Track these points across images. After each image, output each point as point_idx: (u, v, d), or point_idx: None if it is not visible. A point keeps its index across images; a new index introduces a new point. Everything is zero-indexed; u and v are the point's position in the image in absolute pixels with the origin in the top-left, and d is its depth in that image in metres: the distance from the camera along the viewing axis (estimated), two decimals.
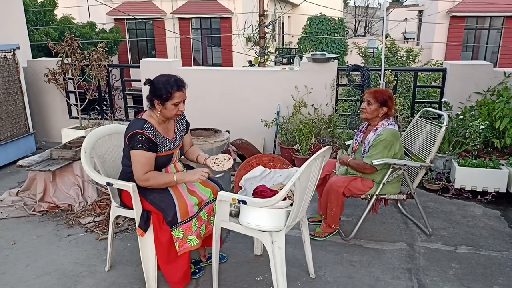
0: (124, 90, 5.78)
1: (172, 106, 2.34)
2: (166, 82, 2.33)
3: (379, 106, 2.90)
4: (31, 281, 2.64)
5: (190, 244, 2.38)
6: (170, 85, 2.33)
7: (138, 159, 2.30)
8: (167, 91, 2.31)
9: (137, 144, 2.29)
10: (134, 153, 2.30)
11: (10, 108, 4.89)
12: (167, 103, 2.33)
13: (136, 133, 2.29)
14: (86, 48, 6.83)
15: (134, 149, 2.30)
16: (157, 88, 2.32)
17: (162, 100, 2.32)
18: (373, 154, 2.88)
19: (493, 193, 3.75)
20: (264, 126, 4.84)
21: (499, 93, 4.27)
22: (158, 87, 2.32)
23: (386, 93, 2.94)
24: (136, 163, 2.31)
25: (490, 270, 2.73)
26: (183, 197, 2.38)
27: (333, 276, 2.67)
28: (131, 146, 2.31)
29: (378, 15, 35.49)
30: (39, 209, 3.59)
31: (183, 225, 2.35)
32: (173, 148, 2.47)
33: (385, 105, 2.90)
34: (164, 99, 2.32)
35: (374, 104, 2.91)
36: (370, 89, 3.01)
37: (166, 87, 2.32)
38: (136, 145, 2.29)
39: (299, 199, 2.18)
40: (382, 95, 2.91)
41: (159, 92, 2.32)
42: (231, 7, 17.00)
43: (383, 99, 2.90)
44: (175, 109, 2.36)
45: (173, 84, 2.33)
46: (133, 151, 2.30)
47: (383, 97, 2.90)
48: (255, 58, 11.63)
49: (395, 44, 11.92)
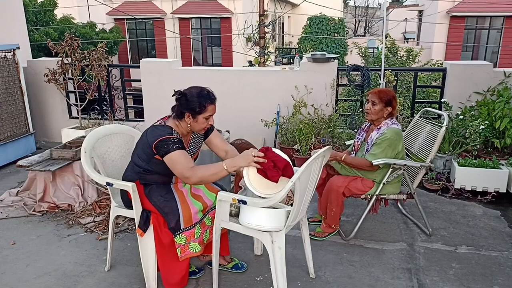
0: (124, 90, 5.78)
1: (203, 120, 2.30)
2: (199, 94, 2.28)
3: (384, 106, 2.90)
4: (31, 281, 2.64)
5: (192, 250, 2.37)
6: (204, 98, 2.28)
7: (179, 159, 2.22)
8: (201, 104, 2.26)
9: (173, 145, 2.23)
10: (172, 156, 2.22)
11: (10, 108, 4.89)
12: (198, 116, 2.28)
13: (167, 138, 2.23)
14: (86, 48, 6.83)
15: (171, 151, 2.22)
16: (190, 101, 2.26)
17: (194, 113, 2.28)
18: (377, 152, 2.87)
19: (493, 193, 3.75)
20: (264, 126, 4.84)
21: (499, 93, 4.27)
22: (191, 100, 2.26)
23: (390, 93, 2.93)
24: (178, 164, 2.22)
25: (490, 270, 2.73)
26: (187, 203, 2.36)
27: (333, 276, 2.67)
28: (165, 151, 2.23)
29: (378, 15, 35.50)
30: (39, 209, 3.59)
31: (186, 232, 2.33)
32: None
33: (390, 104, 2.90)
34: (197, 112, 2.27)
35: (379, 104, 2.90)
36: (374, 89, 2.99)
37: (200, 100, 2.27)
38: (172, 146, 2.22)
39: (299, 199, 2.18)
40: (387, 95, 2.91)
41: (192, 105, 2.26)
42: (231, 7, 17.00)
43: (388, 99, 2.89)
44: (205, 123, 2.32)
45: (206, 96, 2.29)
46: (170, 155, 2.22)
47: (387, 97, 2.90)
48: (255, 58, 11.64)
49: (395, 44, 11.91)
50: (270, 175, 2.19)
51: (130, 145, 2.77)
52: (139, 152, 2.39)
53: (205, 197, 2.48)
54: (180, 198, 2.38)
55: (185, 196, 2.41)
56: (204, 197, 2.48)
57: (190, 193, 2.47)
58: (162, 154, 2.24)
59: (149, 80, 5.34)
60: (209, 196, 2.49)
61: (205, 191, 2.51)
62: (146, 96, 5.45)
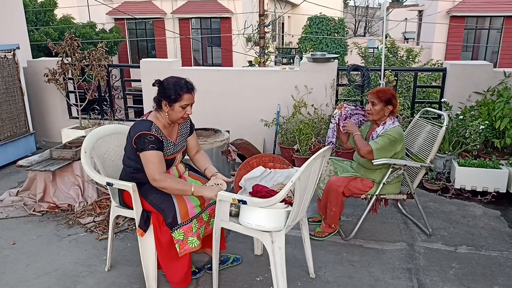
0: (124, 90, 5.78)
1: (180, 108, 2.33)
2: (175, 83, 2.32)
3: (384, 106, 2.89)
4: (31, 281, 2.64)
5: (191, 245, 2.37)
6: (179, 86, 2.31)
7: (151, 159, 2.27)
8: (176, 92, 2.30)
9: (148, 144, 2.26)
10: (146, 154, 2.27)
11: (10, 108, 4.89)
12: (175, 105, 2.32)
13: (144, 134, 2.27)
14: (86, 48, 6.83)
15: (146, 150, 2.26)
16: (166, 89, 2.31)
17: (170, 101, 2.31)
18: (380, 142, 2.84)
19: (493, 193, 3.75)
20: (264, 126, 4.84)
21: (499, 93, 4.27)
22: (167, 87, 2.31)
23: (389, 92, 2.93)
24: (150, 164, 2.27)
25: (490, 270, 2.73)
26: (183, 198, 2.37)
27: (333, 276, 2.67)
28: (140, 147, 2.27)
29: (378, 15, 35.50)
30: (39, 209, 3.59)
31: (184, 226, 2.34)
32: (176, 152, 2.46)
33: (390, 103, 2.89)
34: (172, 100, 2.31)
35: (378, 104, 2.89)
36: (373, 90, 2.99)
37: (176, 88, 2.31)
38: (147, 145, 2.26)
39: (299, 199, 2.18)
40: (386, 94, 2.90)
41: (168, 92, 2.30)
42: (231, 7, 17.00)
43: (387, 98, 2.89)
44: (182, 112, 2.35)
45: (183, 85, 2.33)
46: (145, 152, 2.26)
47: (386, 96, 2.89)
48: (255, 58, 11.64)
49: (395, 44, 11.91)
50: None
51: None
52: (128, 152, 2.43)
53: None
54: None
55: None
56: None
57: None
58: (139, 150, 2.29)
59: (149, 80, 5.27)
60: None
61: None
62: (146, 96, 5.45)
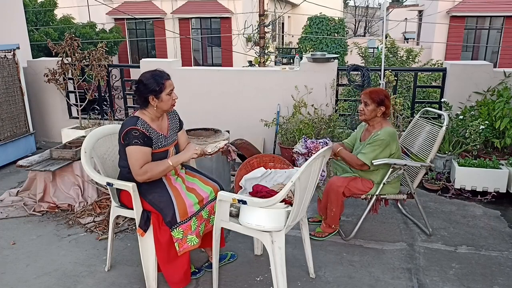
0: (124, 90, 5.78)
1: (167, 97, 2.39)
2: (153, 75, 2.38)
3: (377, 106, 2.90)
4: (31, 281, 2.64)
5: (190, 243, 2.38)
6: (159, 77, 2.38)
7: (134, 155, 2.31)
8: (158, 82, 2.35)
9: (132, 139, 2.30)
10: (130, 149, 2.31)
11: (10, 108, 4.89)
12: (161, 95, 2.37)
13: (130, 130, 2.31)
14: (86, 48, 6.83)
15: (130, 145, 2.31)
16: (147, 84, 2.35)
17: (156, 93, 2.35)
18: (367, 152, 2.87)
19: (493, 193, 3.75)
20: (264, 126, 4.84)
21: (499, 93, 4.27)
22: (148, 82, 2.36)
23: (382, 93, 2.93)
24: (133, 159, 2.32)
25: (490, 270, 2.73)
26: (181, 197, 2.38)
27: (333, 276, 2.67)
28: (126, 143, 2.32)
29: (378, 15, 35.50)
30: (39, 209, 3.59)
31: (183, 225, 2.35)
32: (168, 145, 2.47)
33: (383, 104, 2.89)
34: (158, 91, 2.35)
35: (371, 104, 2.90)
36: (366, 90, 3.00)
37: (156, 79, 2.36)
38: (131, 141, 2.30)
39: (299, 199, 2.18)
40: (378, 95, 2.90)
41: (151, 86, 2.35)
42: (231, 7, 17.00)
43: (380, 99, 2.89)
44: (170, 99, 2.41)
45: (160, 75, 2.39)
46: (129, 147, 2.31)
47: (379, 96, 2.89)
48: (255, 58, 11.63)
49: (395, 44, 11.90)
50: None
51: None
52: (121, 153, 2.45)
53: (200, 190, 2.50)
54: (174, 192, 2.40)
55: (179, 190, 2.43)
56: (198, 189, 2.50)
57: (185, 186, 2.49)
58: (126, 144, 2.33)
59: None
60: (204, 189, 2.51)
61: (199, 184, 2.54)
62: None
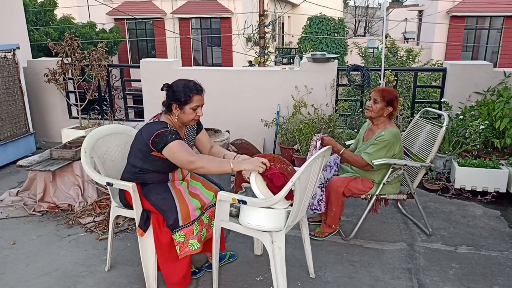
0: (124, 90, 5.78)
1: (190, 110, 2.33)
2: (185, 85, 2.32)
3: (385, 106, 2.89)
4: (31, 281, 2.64)
5: (191, 248, 2.37)
6: (189, 89, 2.31)
7: (179, 148, 2.24)
8: (186, 94, 2.29)
9: (171, 136, 2.24)
10: (171, 146, 2.23)
11: (10, 108, 4.89)
12: (185, 107, 2.31)
13: (163, 131, 2.26)
14: (86, 48, 6.83)
15: (170, 142, 2.23)
16: (176, 92, 2.30)
17: (180, 104, 2.30)
18: (372, 151, 2.87)
19: (493, 193, 3.75)
20: (264, 126, 4.84)
21: (499, 93, 4.27)
22: (177, 90, 2.30)
23: (393, 93, 2.93)
24: (178, 152, 2.24)
25: (490, 270, 2.73)
26: (184, 200, 2.37)
27: (333, 276, 2.67)
28: (163, 143, 2.24)
29: (378, 15, 35.49)
30: (39, 209, 3.59)
31: (185, 229, 2.34)
32: None
33: (391, 104, 2.89)
34: (182, 103, 2.30)
35: (380, 103, 2.89)
36: (378, 87, 2.98)
37: (185, 90, 2.30)
38: (171, 137, 2.24)
39: (299, 199, 2.18)
40: (390, 94, 2.90)
41: (178, 95, 2.29)
42: (231, 7, 17.00)
43: (390, 99, 2.88)
44: (193, 114, 2.34)
45: (192, 87, 2.32)
46: (169, 145, 2.23)
47: (390, 96, 2.89)
48: (255, 58, 11.63)
49: (395, 44, 11.91)
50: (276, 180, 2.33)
51: (130, 145, 2.77)
52: (135, 152, 2.41)
53: (203, 196, 2.48)
54: (178, 195, 2.39)
55: (183, 193, 2.42)
56: (201, 195, 2.48)
57: (188, 191, 2.47)
58: (161, 147, 2.26)
59: (149, 80, 5.34)
60: (207, 195, 2.50)
61: (202, 190, 2.52)
62: (146, 96, 5.45)
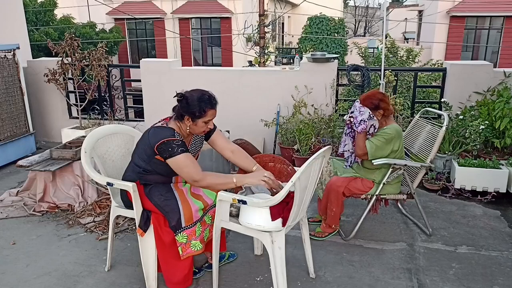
0: (124, 90, 5.78)
1: (203, 124, 2.32)
2: (200, 99, 2.28)
3: (374, 111, 2.88)
4: (31, 281, 2.64)
5: (194, 248, 2.37)
6: (204, 103, 2.28)
7: (186, 163, 2.24)
8: (201, 109, 2.27)
9: (177, 149, 2.23)
10: (178, 159, 2.23)
11: (10, 108, 4.89)
12: (198, 121, 2.30)
13: (170, 140, 2.23)
14: (86, 48, 6.82)
15: (176, 155, 2.22)
16: (190, 105, 2.27)
17: (194, 117, 2.29)
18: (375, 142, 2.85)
19: (493, 193, 3.75)
20: (264, 126, 4.84)
21: (499, 93, 4.27)
22: (191, 104, 2.27)
23: (375, 97, 2.88)
24: (186, 167, 2.24)
25: (490, 270, 2.73)
26: (187, 202, 2.36)
27: (333, 276, 2.67)
28: (169, 153, 2.23)
29: (378, 15, 35.50)
30: (39, 209, 3.59)
31: (187, 230, 2.34)
32: None
33: (378, 108, 2.86)
34: (196, 116, 2.28)
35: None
36: (361, 96, 2.98)
37: (201, 104, 2.27)
38: (176, 150, 2.22)
39: (299, 199, 2.18)
40: (371, 100, 2.87)
41: (193, 109, 2.27)
42: (231, 7, 17.00)
43: (374, 104, 2.86)
44: (205, 127, 2.34)
45: (207, 101, 2.29)
46: (176, 158, 2.22)
47: (372, 102, 2.86)
48: (255, 58, 11.63)
49: (395, 44, 11.90)
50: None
51: (130, 145, 2.77)
52: (140, 152, 2.39)
53: (205, 196, 2.48)
54: (181, 196, 2.38)
55: (185, 195, 2.42)
56: (204, 196, 2.48)
57: (190, 192, 2.47)
58: (166, 156, 2.24)
59: (149, 80, 5.34)
60: (209, 195, 2.49)
61: (204, 191, 2.51)
62: (146, 96, 5.45)
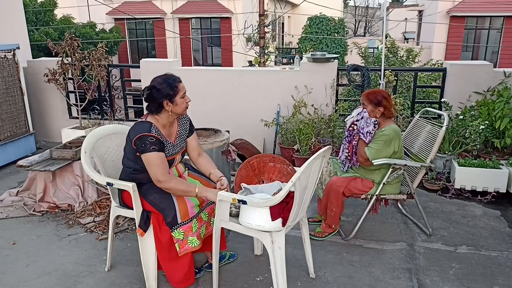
0: (124, 90, 5.78)
1: (181, 100, 2.38)
2: (165, 80, 2.37)
3: (374, 107, 2.90)
4: (31, 281, 2.64)
5: (191, 245, 2.38)
6: (171, 80, 2.37)
7: (154, 161, 2.29)
8: (172, 86, 2.34)
9: (149, 146, 2.27)
10: (149, 156, 2.28)
11: (10, 108, 4.89)
12: (175, 99, 2.35)
13: (145, 136, 2.28)
14: (86, 48, 6.82)
15: (147, 152, 2.28)
16: (161, 89, 2.33)
17: (170, 97, 2.34)
18: (374, 146, 2.86)
19: (493, 193, 3.75)
20: (264, 126, 4.84)
21: (499, 93, 4.27)
22: (161, 87, 2.34)
23: (379, 94, 2.93)
24: (153, 166, 2.29)
25: (490, 270, 2.73)
26: (183, 198, 2.37)
27: (333, 276, 2.67)
28: (141, 149, 2.28)
29: (378, 15, 35.50)
30: (39, 209, 3.59)
31: (183, 226, 2.35)
32: (175, 153, 2.47)
33: (380, 105, 2.89)
34: (172, 95, 2.34)
35: (368, 106, 2.92)
36: (365, 91, 3.01)
37: (169, 83, 2.35)
38: (149, 147, 2.27)
39: (299, 199, 2.18)
40: (375, 96, 2.91)
41: (165, 90, 2.33)
42: (231, 7, 17.00)
43: (377, 100, 2.89)
44: (184, 101, 2.40)
45: (172, 79, 2.38)
46: (147, 154, 2.28)
47: (376, 98, 2.90)
48: (255, 58, 11.64)
49: (395, 44, 11.90)
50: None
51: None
52: (127, 153, 2.44)
53: None
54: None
55: None
56: None
57: None
58: (140, 151, 2.31)
59: (149, 80, 5.32)
60: None
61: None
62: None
